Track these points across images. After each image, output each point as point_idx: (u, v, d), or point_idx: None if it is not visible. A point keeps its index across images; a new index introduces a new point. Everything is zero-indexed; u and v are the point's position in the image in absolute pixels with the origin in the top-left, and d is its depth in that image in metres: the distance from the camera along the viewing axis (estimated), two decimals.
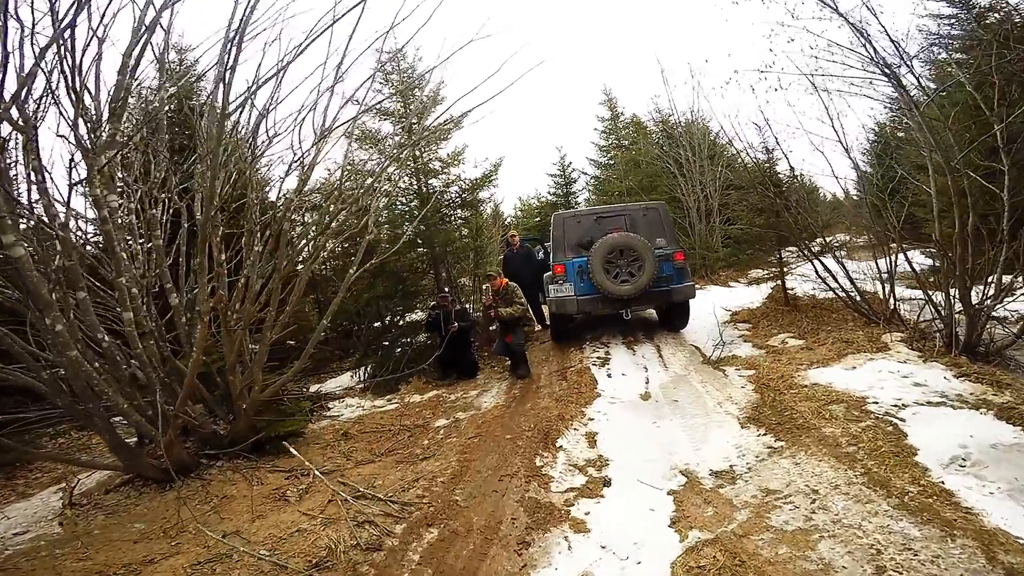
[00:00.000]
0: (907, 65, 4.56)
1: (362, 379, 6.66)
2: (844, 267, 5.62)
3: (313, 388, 7.22)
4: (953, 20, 7.92)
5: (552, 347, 6.82)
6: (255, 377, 3.95)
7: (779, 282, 7.63)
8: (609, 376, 5.17)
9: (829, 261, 6.20)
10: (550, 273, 6.34)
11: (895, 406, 3.54)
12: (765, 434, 3.57)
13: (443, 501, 3.27)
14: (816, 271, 5.79)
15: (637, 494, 3.17)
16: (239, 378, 3.96)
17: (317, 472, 3.81)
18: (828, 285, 5.73)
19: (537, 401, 4.84)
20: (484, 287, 5.80)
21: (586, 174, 16.33)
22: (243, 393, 3.95)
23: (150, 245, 4.13)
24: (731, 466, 3.31)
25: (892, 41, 4.42)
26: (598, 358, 5.74)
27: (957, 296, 4.49)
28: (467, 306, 6.14)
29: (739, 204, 7.33)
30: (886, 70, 4.27)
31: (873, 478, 2.83)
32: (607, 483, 3.34)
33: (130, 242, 4.11)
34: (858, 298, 5.60)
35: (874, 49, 4.35)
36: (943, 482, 2.77)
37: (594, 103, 20.55)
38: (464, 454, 3.94)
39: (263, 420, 4.42)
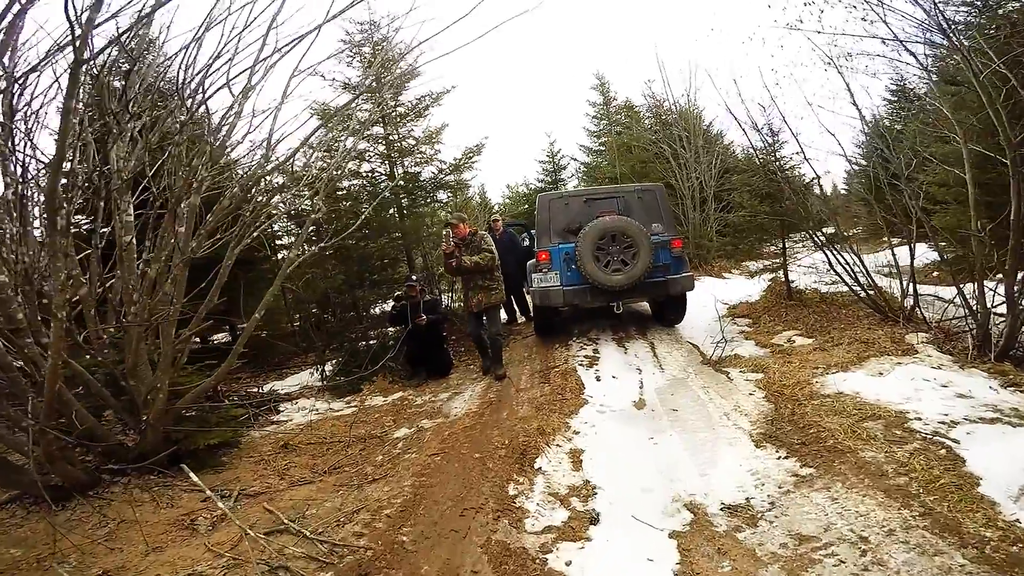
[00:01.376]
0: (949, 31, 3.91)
1: (322, 377, 5.92)
2: (860, 258, 5.01)
3: (271, 386, 6.50)
4: None
5: (535, 342, 6.15)
6: (161, 382, 3.19)
7: (778, 274, 7.02)
8: (598, 379, 4.51)
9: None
10: (534, 261, 5.64)
11: (943, 423, 2.93)
12: (787, 457, 2.93)
13: (386, 543, 2.57)
14: (830, 263, 5.18)
15: (631, 536, 2.51)
16: (143, 383, 3.20)
17: (220, 502, 3.09)
18: (842, 279, 5.13)
19: (515, 409, 4.16)
20: (444, 232, 4.97)
21: (575, 160, 15.65)
22: (148, 400, 3.20)
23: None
24: (748, 499, 2.67)
25: None
26: (586, 357, 5.07)
27: (993, 293, 3.91)
28: (440, 296, 5.43)
29: (742, 189, 6.69)
30: (941, 24, 3.60)
31: (937, 520, 2.20)
32: (594, 520, 2.68)
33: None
34: (874, 293, 5.01)
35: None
36: (1020, 522, 2.16)
37: (585, 89, 19.74)
38: (422, 477, 3.25)
39: (180, 430, 3.68)
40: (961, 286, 4.22)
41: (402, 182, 7.09)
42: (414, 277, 5.23)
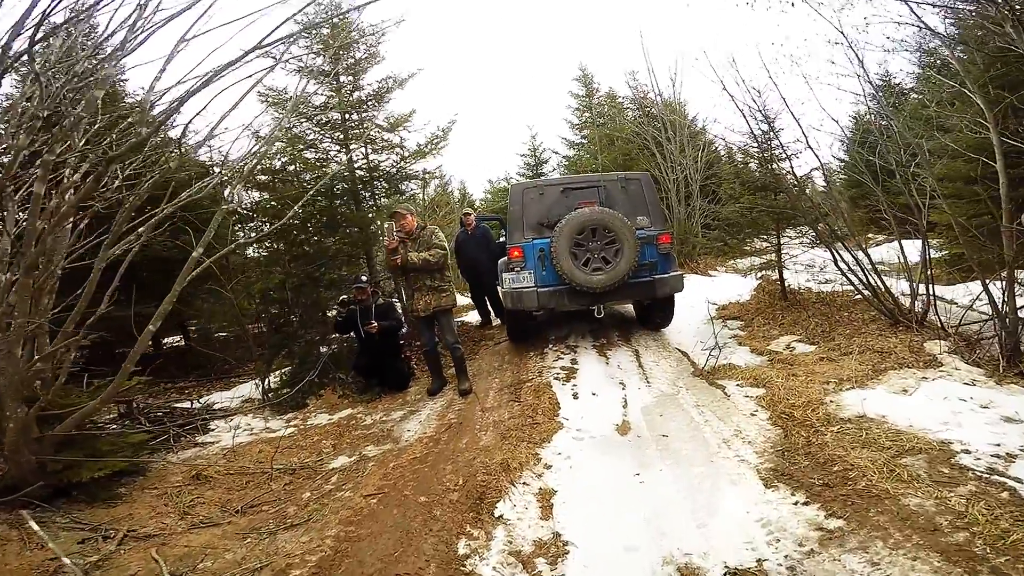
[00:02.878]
0: None
1: (264, 391, 5.19)
2: (868, 256, 4.49)
3: (211, 399, 5.74)
4: None
5: (508, 349, 5.51)
6: (11, 409, 2.47)
7: (768, 272, 6.48)
8: (575, 396, 3.88)
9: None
10: (505, 259, 4.99)
11: (997, 456, 2.37)
12: (807, 502, 2.34)
13: None
14: (834, 260, 4.64)
15: None
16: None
17: (99, 545, 2.39)
18: (848, 278, 4.59)
19: (477, 435, 3.51)
20: (386, 225, 4.21)
21: (557, 154, 15.07)
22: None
23: None
24: (760, 561, 2.07)
25: None
26: (562, 368, 4.44)
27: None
28: (394, 300, 4.76)
29: (732, 180, 6.15)
30: None
31: None
32: None
33: None
34: (884, 294, 4.48)
35: None
36: None
37: (568, 81, 19.18)
38: (350, 526, 2.59)
39: (59, 460, 2.97)
40: (988, 284, 3.70)
41: (361, 171, 6.37)
42: (364, 278, 4.54)
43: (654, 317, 5.39)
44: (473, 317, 7.72)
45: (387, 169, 6.56)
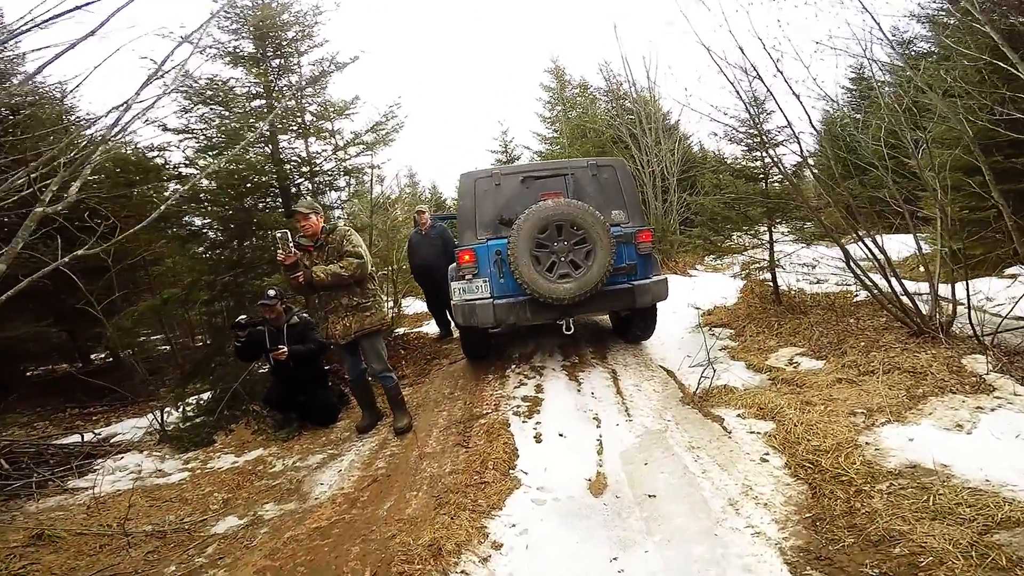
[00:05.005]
0: None
1: (161, 424, 4.23)
2: (885, 254, 3.80)
3: (109, 430, 4.80)
4: None
5: (464, 370, 4.67)
6: None
7: (753, 271, 5.78)
8: (538, 439, 3.05)
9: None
10: (455, 264, 4.15)
11: None
12: None
13: None
14: (846, 259, 3.93)
15: None
16: None
17: None
18: (861, 280, 3.89)
19: (406, 496, 2.66)
20: (278, 235, 3.19)
21: (529, 148, 14.38)
22: None
23: None
24: None
25: None
26: (524, 399, 3.61)
27: None
28: (311, 318, 3.87)
29: (719, 167, 5.44)
30: None
31: None
32: None
33: None
34: (896, 300, 3.81)
35: None
36: None
37: (539, 73, 18.44)
38: None
39: None
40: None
41: (290, 166, 5.43)
42: (271, 292, 3.63)
43: (633, 329, 4.62)
44: (432, 328, 6.85)
45: (321, 164, 5.62)
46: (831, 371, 3.53)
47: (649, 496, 2.44)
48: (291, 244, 3.20)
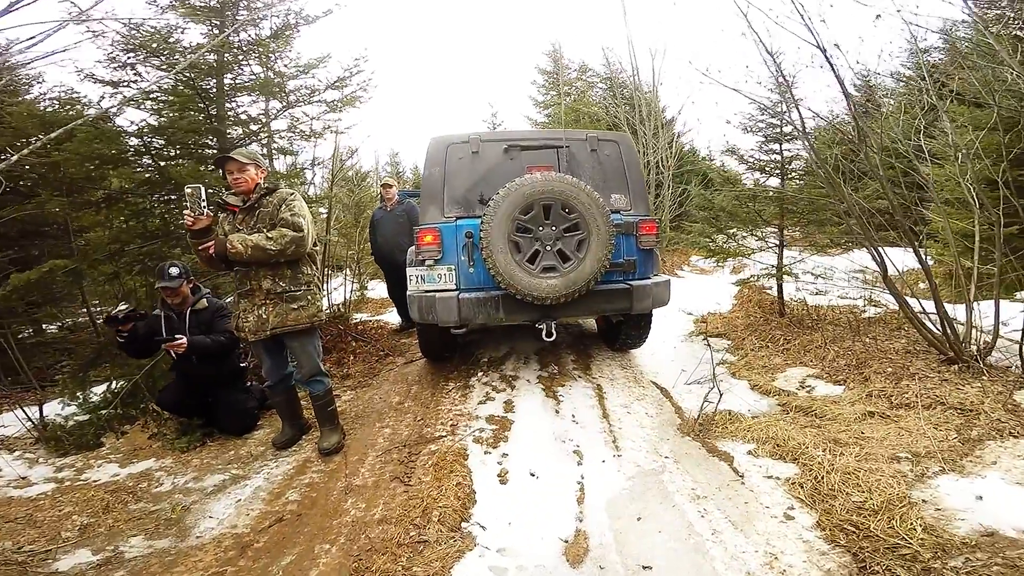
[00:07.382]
0: None
1: (40, 420, 3.42)
2: (926, 267, 3.22)
3: None
4: None
5: (421, 372, 3.98)
6: None
7: (754, 278, 5.21)
8: (503, 479, 2.36)
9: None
10: (414, 247, 3.42)
11: None
12: None
13: None
14: (883, 274, 3.31)
15: None
16: None
17: None
18: (899, 301, 3.29)
19: (315, 549, 1.96)
20: (187, 190, 2.37)
21: None
22: None
23: None
24: None
25: None
26: (489, 420, 2.92)
27: None
28: (225, 301, 3.11)
29: (733, 155, 4.82)
30: None
31: None
32: None
33: None
34: (941, 322, 3.24)
35: None
36: None
37: (535, 54, 17.58)
38: None
39: None
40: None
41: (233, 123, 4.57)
42: (174, 271, 2.82)
43: (623, 336, 3.99)
44: (393, 317, 6.12)
45: (271, 125, 4.75)
46: (855, 400, 2.97)
47: (644, 568, 1.81)
48: (203, 203, 2.42)
